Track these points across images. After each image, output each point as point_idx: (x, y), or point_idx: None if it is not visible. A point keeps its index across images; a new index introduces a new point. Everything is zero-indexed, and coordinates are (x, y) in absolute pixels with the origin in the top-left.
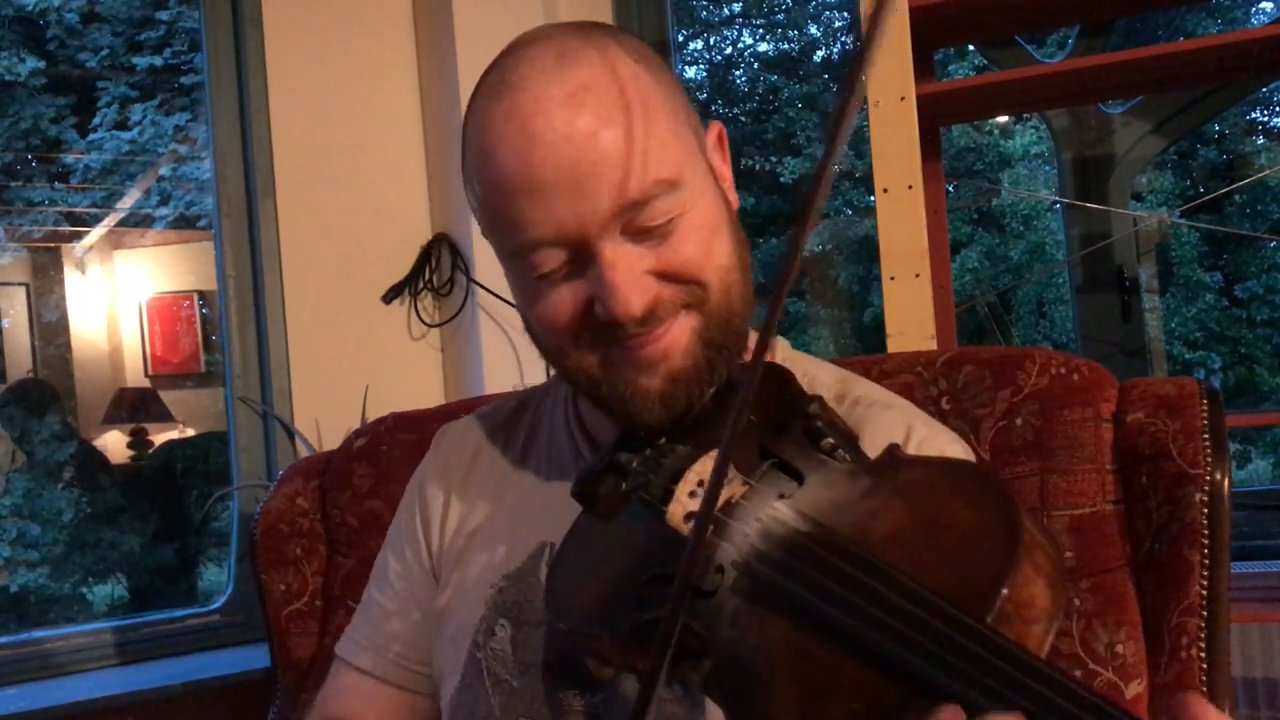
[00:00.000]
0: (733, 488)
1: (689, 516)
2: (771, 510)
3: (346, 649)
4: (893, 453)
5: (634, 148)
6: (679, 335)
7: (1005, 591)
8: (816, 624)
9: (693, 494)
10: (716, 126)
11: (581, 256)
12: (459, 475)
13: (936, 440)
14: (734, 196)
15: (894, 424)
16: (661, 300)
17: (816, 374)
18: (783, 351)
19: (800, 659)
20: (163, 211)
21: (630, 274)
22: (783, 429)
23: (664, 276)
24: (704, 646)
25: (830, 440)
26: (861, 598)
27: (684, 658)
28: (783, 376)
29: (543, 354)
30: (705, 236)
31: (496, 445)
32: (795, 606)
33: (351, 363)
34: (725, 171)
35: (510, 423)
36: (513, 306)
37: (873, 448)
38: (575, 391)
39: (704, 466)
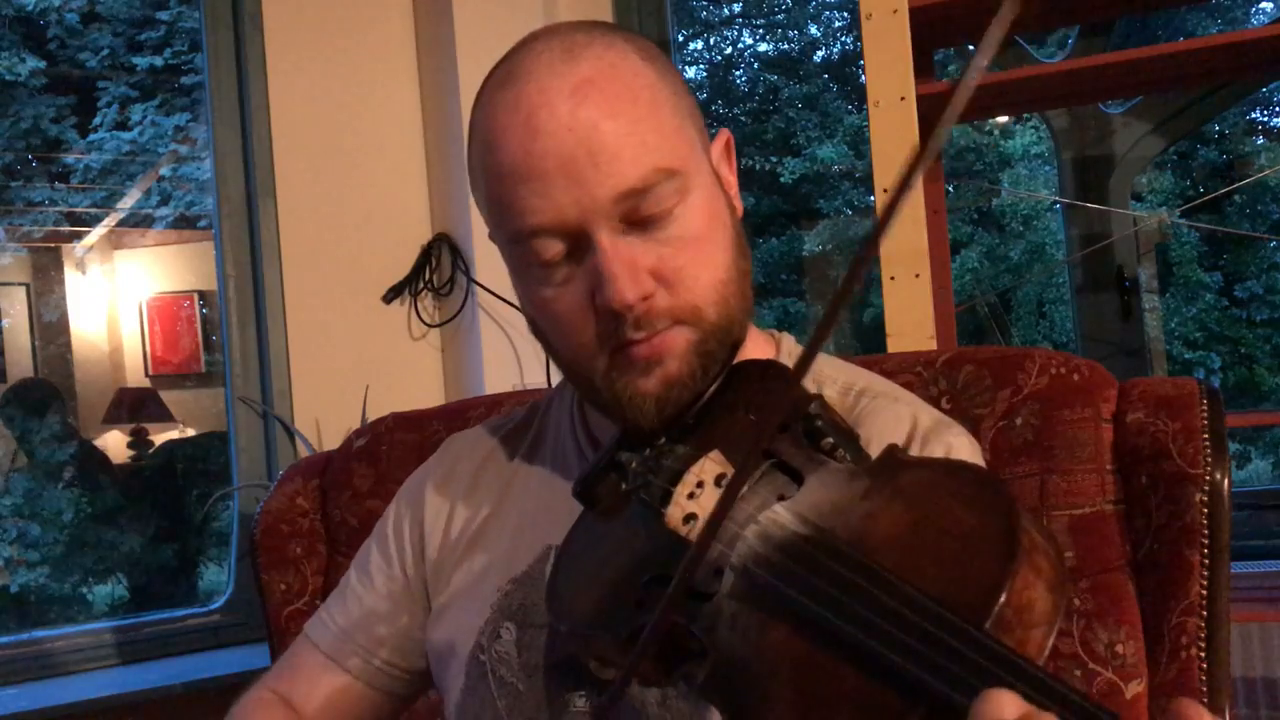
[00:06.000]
0: (735, 501)
1: (688, 519)
2: (770, 514)
3: (317, 631)
4: (892, 453)
5: (635, 139)
6: (675, 341)
7: (1004, 598)
8: (816, 629)
9: (691, 495)
10: (725, 134)
11: (581, 246)
12: (466, 480)
13: (941, 432)
14: (739, 204)
15: (899, 416)
16: (656, 305)
17: (822, 368)
18: (787, 346)
19: (799, 666)
20: (163, 211)
21: (627, 264)
22: (783, 428)
23: (661, 280)
24: (703, 649)
25: (830, 440)
26: (860, 604)
27: (685, 658)
28: (785, 375)
29: (548, 352)
30: (704, 239)
31: (504, 451)
32: (795, 612)
33: (351, 363)
34: (731, 179)
35: (518, 431)
36: (514, 307)
37: (877, 439)
38: (579, 393)
39: (702, 468)
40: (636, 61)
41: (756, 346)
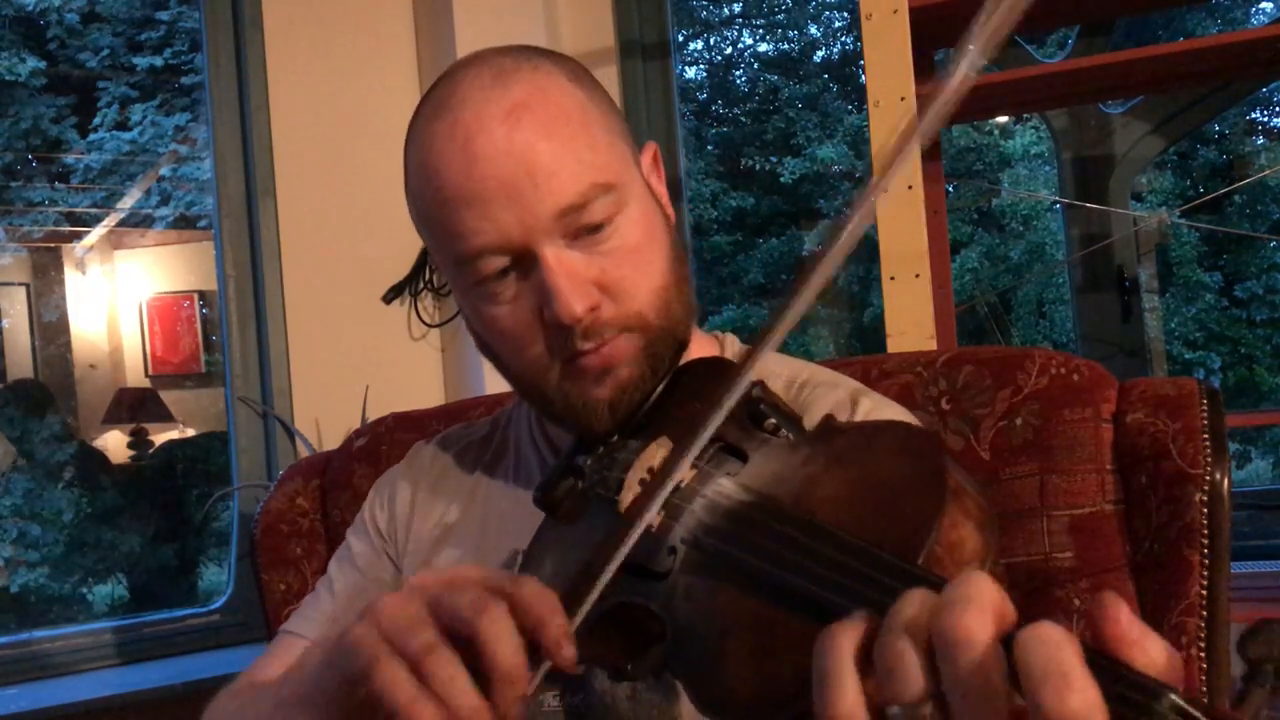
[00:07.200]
0: (681, 472)
1: None
2: (716, 487)
3: (302, 625)
4: (828, 423)
5: (571, 157)
6: (624, 348)
7: (934, 535)
8: (762, 585)
9: (643, 481)
10: (652, 147)
11: (525, 263)
12: (430, 482)
13: (881, 409)
14: (670, 211)
15: (839, 400)
16: (603, 315)
17: (766, 364)
18: (731, 348)
19: (748, 621)
20: (163, 211)
21: (572, 277)
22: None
23: (605, 290)
24: (664, 629)
25: (773, 421)
26: (801, 555)
27: (650, 643)
28: (726, 368)
29: (498, 368)
30: (642, 249)
31: (468, 460)
32: (742, 572)
33: (351, 363)
34: (661, 189)
35: (483, 443)
36: None
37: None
38: (531, 407)
39: (652, 454)
40: (564, 82)
41: (701, 347)
